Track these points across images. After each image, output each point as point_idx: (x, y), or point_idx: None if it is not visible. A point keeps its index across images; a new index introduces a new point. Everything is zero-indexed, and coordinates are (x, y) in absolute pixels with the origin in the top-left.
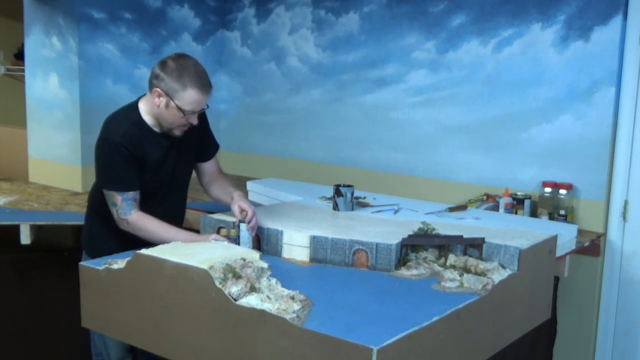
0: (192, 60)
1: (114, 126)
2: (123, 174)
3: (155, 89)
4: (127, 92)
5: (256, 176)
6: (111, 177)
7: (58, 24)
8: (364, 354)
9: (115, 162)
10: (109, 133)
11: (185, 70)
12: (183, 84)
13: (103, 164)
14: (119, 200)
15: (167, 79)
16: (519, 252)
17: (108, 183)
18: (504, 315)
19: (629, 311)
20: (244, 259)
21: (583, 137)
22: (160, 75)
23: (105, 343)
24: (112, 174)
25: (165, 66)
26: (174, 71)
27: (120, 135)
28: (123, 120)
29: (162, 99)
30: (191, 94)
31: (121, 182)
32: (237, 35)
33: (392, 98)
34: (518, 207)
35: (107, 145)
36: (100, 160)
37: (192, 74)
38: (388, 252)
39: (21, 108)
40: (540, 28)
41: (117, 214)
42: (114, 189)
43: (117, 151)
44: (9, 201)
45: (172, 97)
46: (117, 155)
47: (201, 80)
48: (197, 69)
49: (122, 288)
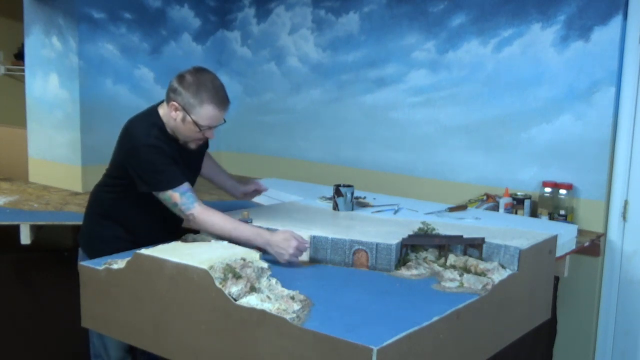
0: (210, 75)
1: (144, 131)
2: (171, 170)
3: (172, 103)
4: (127, 92)
5: (256, 176)
6: (162, 177)
7: (58, 24)
8: (364, 354)
9: (160, 163)
10: (141, 138)
11: (202, 85)
12: (200, 99)
13: (148, 169)
14: (178, 198)
15: (184, 94)
16: (519, 252)
17: (161, 184)
18: (504, 315)
19: (629, 311)
20: (244, 259)
21: (583, 137)
22: (177, 89)
23: (104, 344)
24: (161, 174)
25: (183, 80)
26: (191, 86)
27: (153, 137)
28: (149, 125)
29: (179, 112)
30: (208, 109)
31: (173, 179)
32: (237, 35)
33: (392, 98)
34: (518, 207)
35: (145, 150)
36: (144, 166)
37: (209, 90)
38: (388, 252)
39: (21, 108)
40: (540, 28)
41: (181, 212)
42: (169, 188)
43: (157, 152)
44: (9, 201)
45: (188, 112)
46: (159, 156)
47: (218, 95)
48: (215, 84)
49: (122, 288)
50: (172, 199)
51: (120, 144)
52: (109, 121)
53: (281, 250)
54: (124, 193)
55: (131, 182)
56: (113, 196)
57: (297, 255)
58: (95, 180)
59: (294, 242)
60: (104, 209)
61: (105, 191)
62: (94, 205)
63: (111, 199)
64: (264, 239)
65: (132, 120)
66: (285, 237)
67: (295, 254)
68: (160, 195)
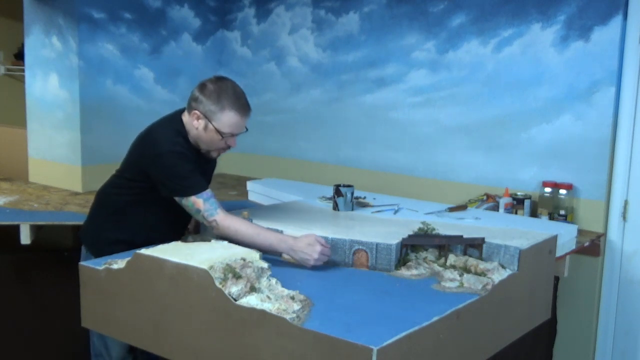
0: (230, 82)
1: (169, 138)
2: (195, 177)
3: (194, 112)
4: (127, 92)
5: (256, 176)
6: (186, 183)
7: (58, 24)
8: (364, 354)
9: (184, 169)
10: (167, 145)
11: (223, 92)
12: (222, 106)
13: (173, 174)
14: (201, 204)
15: (205, 101)
16: (519, 252)
17: (184, 190)
18: (504, 315)
19: (629, 311)
20: (244, 259)
21: (583, 137)
22: (199, 98)
23: (106, 343)
24: (185, 180)
25: (204, 89)
26: (212, 93)
27: (180, 145)
28: (174, 133)
29: (201, 121)
30: (229, 115)
31: (197, 185)
32: (237, 35)
33: (392, 98)
34: (518, 207)
35: (171, 156)
36: (168, 172)
37: (230, 96)
38: (388, 252)
39: (21, 108)
40: (540, 28)
41: (204, 219)
42: (192, 193)
43: (182, 158)
44: (9, 201)
45: (210, 119)
46: (184, 162)
47: (239, 102)
48: (236, 90)
49: (122, 288)
50: (196, 205)
51: (140, 148)
52: (109, 121)
53: (306, 255)
54: (141, 196)
55: (151, 186)
56: (128, 199)
57: (322, 260)
58: (95, 180)
59: (318, 247)
60: (116, 211)
61: (118, 193)
62: (103, 206)
63: (125, 201)
64: (288, 245)
65: (155, 126)
66: (309, 242)
67: (321, 258)
68: (184, 202)
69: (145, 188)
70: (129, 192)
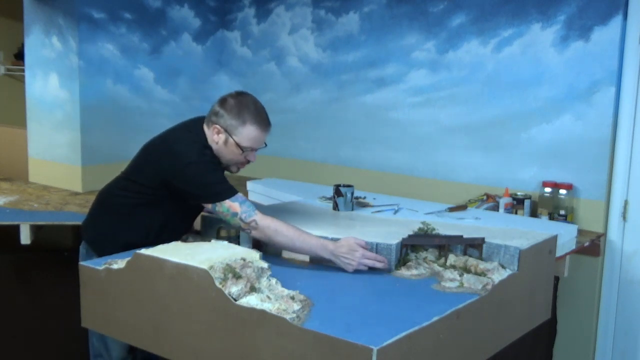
0: (251, 97)
1: (196, 149)
2: (226, 182)
3: (215, 126)
4: (127, 92)
5: (256, 176)
6: (218, 189)
7: (58, 24)
8: (364, 354)
9: (215, 176)
10: (194, 155)
11: (244, 107)
12: (243, 120)
13: (204, 183)
14: (238, 207)
15: (226, 116)
16: (519, 252)
17: (218, 195)
18: (504, 315)
19: (629, 311)
20: (244, 259)
21: (583, 137)
22: (220, 112)
23: (106, 344)
24: (217, 186)
25: (225, 103)
26: (233, 108)
27: (203, 154)
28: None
29: (222, 135)
30: (250, 130)
31: (230, 189)
32: (237, 35)
33: (392, 98)
34: (518, 207)
35: (199, 165)
36: (199, 181)
37: (251, 111)
38: (388, 252)
39: (21, 108)
40: (540, 28)
41: (241, 221)
42: (227, 197)
43: (210, 165)
44: (9, 201)
45: (231, 133)
46: (213, 169)
47: (260, 116)
48: (257, 106)
49: (122, 288)
50: (232, 209)
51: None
52: (108, 121)
53: (349, 260)
54: (151, 201)
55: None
56: (136, 201)
57: (365, 264)
58: (95, 180)
59: (360, 251)
60: (122, 213)
61: (125, 196)
62: (107, 207)
63: (133, 204)
64: (329, 250)
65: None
66: (350, 247)
67: (364, 263)
68: (217, 208)
69: (159, 195)
70: (137, 195)
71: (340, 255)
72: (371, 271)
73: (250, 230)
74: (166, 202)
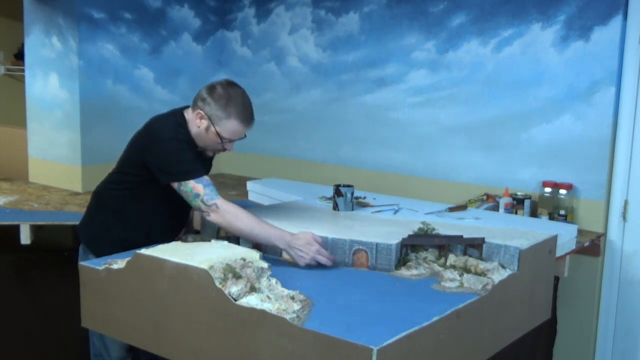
0: (240, 89)
1: (171, 127)
2: (195, 162)
3: (199, 111)
4: (127, 92)
5: (256, 176)
6: (186, 168)
7: (58, 24)
8: (364, 354)
9: (183, 154)
10: (168, 133)
11: (232, 100)
12: (228, 113)
13: (172, 159)
14: (201, 189)
15: (212, 105)
16: (519, 252)
17: (183, 174)
18: (504, 315)
19: (629, 311)
20: (244, 259)
21: (583, 137)
22: (207, 100)
23: (105, 344)
24: (186, 165)
25: (213, 91)
26: (221, 98)
27: (182, 134)
28: (176, 124)
29: (204, 122)
30: (234, 124)
31: (195, 170)
32: (237, 35)
33: (392, 98)
34: (518, 207)
35: (171, 142)
36: (168, 157)
37: (239, 105)
38: (388, 252)
39: (21, 108)
40: (540, 28)
41: (203, 203)
42: (192, 178)
43: (184, 144)
44: (9, 201)
45: (214, 122)
46: (184, 148)
47: (246, 112)
48: (244, 100)
49: (122, 288)
50: (195, 189)
51: (140, 141)
52: (109, 121)
53: (302, 253)
54: (135, 190)
55: (149, 178)
56: (123, 193)
57: (317, 260)
58: (95, 180)
59: (316, 247)
60: (112, 208)
61: (116, 189)
62: (100, 203)
63: (121, 196)
64: (285, 241)
65: (156, 118)
66: (307, 241)
67: (316, 258)
68: (182, 187)
69: (139, 182)
70: (123, 187)
71: (295, 247)
72: (371, 271)
73: (209, 213)
74: (150, 192)
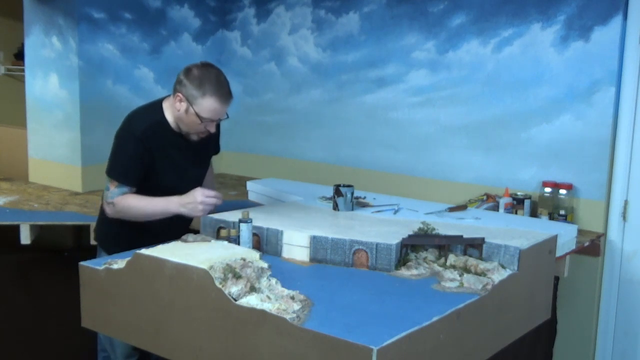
0: (215, 70)
1: (137, 122)
2: (130, 168)
3: (177, 94)
4: (127, 92)
5: (256, 176)
6: (118, 167)
7: (58, 24)
8: (364, 354)
9: (127, 155)
10: (130, 127)
11: (206, 78)
12: (203, 91)
13: (115, 152)
14: (114, 186)
15: (188, 86)
16: (519, 252)
17: (113, 171)
18: (504, 315)
19: (629, 311)
20: (244, 259)
21: (583, 137)
22: (183, 81)
23: (111, 341)
24: (120, 164)
25: (189, 73)
26: (196, 79)
27: (141, 131)
28: (146, 117)
29: (183, 104)
30: (209, 102)
31: (125, 175)
32: (237, 35)
33: (392, 98)
34: (518, 207)
35: (125, 138)
36: (115, 149)
37: (213, 83)
38: (388, 252)
39: (21, 108)
40: (540, 28)
41: (106, 197)
42: (115, 178)
43: (134, 145)
44: (9, 201)
45: (191, 103)
46: (132, 150)
47: (221, 89)
48: (219, 78)
49: (122, 288)
50: (109, 183)
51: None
52: (109, 121)
53: (191, 205)
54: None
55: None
56: None
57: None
58: (95, 180)
59: (199, 191)
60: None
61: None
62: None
63: None
64: (175, 204)
65: (134, 110)
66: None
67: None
68: (106, 176)
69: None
70: None
71: (185, 204)
72: (371, 271)
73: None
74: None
